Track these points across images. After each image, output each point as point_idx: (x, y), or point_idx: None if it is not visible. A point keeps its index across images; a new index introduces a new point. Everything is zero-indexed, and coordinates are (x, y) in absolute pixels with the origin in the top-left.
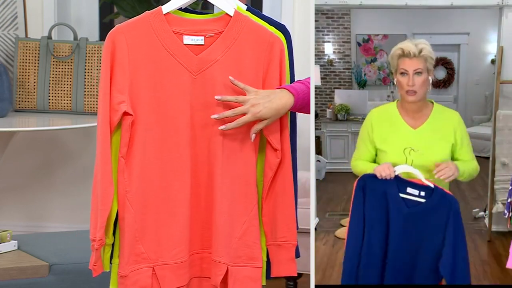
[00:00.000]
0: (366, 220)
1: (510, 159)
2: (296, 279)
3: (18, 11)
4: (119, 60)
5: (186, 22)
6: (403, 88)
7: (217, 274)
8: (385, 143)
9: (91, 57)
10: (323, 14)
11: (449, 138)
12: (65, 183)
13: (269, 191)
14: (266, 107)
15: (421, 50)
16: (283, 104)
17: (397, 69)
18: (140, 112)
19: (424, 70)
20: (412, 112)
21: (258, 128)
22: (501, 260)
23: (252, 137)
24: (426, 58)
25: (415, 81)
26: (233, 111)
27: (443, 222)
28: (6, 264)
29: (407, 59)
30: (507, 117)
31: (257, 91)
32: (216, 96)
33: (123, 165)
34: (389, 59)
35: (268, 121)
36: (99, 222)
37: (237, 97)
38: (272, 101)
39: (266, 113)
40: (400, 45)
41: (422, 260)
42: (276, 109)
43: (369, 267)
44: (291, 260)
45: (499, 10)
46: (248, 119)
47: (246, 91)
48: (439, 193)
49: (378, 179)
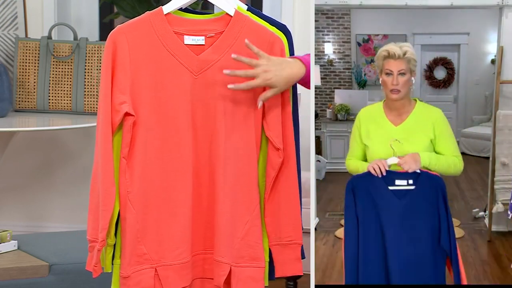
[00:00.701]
0: (359, 221)
1: (510, 159)
2: (296, 279)
3: (18, 11)
4: (120, 60)
5: (186, 22)
6: (388, 87)
7: (220, 275)
8: (369, 138)
9: (91, 57)
10: (323, 14)
11: (428, 133)
12: (65, 183)
13: (273, 191)
14: (277, 75)
15: (405, 52)
16: (295, 73)
17: (382, 69)
18: (141, 113)
19: (408, 71)
20: (395, 110)
21: (267, 95)
22: (501, 260)
23: (259, 104)
24: (410, 60)
25: (399, 80)
26: (244, 72)
27: (434, 202)
28: (6, 264)
29: (392, 60)
30: (507, 117)
31: (270, 57)
32: (225, 71)
33: (125, 166)
34: (375, 60)
35: (277, 89)
36: (101, 224)
37: (251, 60)
38: (284, 69)
39: (276, 81)
40: (385, 47)
41: (424, 244)
42: (287, 77)
43: (369, 265)
44: (297, 260)
45: (499, 10)
46: (258, 83)
47: (260, 56)
48: (425, 176)
49: (366, 179)
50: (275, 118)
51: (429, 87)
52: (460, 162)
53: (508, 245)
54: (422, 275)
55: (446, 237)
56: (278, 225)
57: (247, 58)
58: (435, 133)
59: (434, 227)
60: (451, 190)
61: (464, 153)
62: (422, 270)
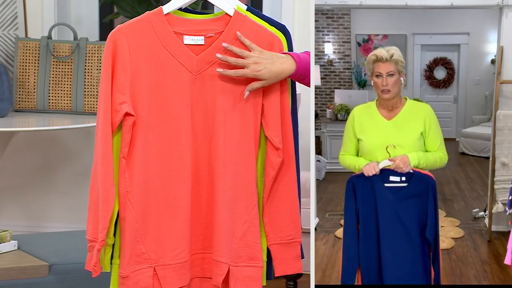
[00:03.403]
0: (360, 217)
1: (510, 159)
2: (296, 279)
3: (18, 11)
4: (120, 60)
5: (186, 22)
6: (379, 88)
7: (218, 274)
8: (363, 133)
9: (91, 57)
10: (323, 14)
11: (418, 126)
12: (65, 183)
13: (272, 191)
14: (267, 68)
15: (392, 55)
16: (284, 69)
17: (373, 72)
18: (141, 113)
19: (396, 72)
20: (387, 107)
21: (255, 86)
22: (501, 260)
23: (246, 94)
24: (397, 62)
25: (388, 81)
26: (235, 60)
27: (425, 198)
28: (6, 264)
29: (381, 63)
30: (507, 117)
31: (262, 50)
32: (217, 54)
33: (124, 166)
34: (366, 64)
35: (265, 82)
36: (101, 224)
37: (243, 50)
38: (274, 63)
39: (265, 74)
40: (374, 52)
41: (413, 235)
42: (276, 72)
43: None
44: (297, 258)
45: (499, 10)
46: (246, 73)
47: (252, 48)
48: (417, 175)
49: (364, 177)
50: (274, 118)
51: (429, 87)
52: (445, 156)
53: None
54: (412, 263)
55: (432, 229)
56: (278, 224)
57: (238, 48)
58: (425, 127)
59: (422, 221)
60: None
61: (464, 153)
62: (412, 258)
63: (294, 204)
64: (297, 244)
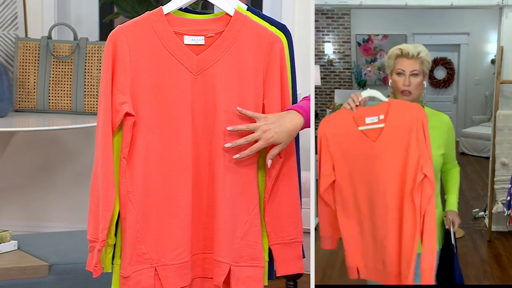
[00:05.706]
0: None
1: (510, 159)
2: (296, 279)
3: (18, 11)
4: (120, 60)
5: (186, 22)
6: (399, 87)
7: (219, 274)
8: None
9: (91, 57)
10: (323, 14)
11: (439, 147)
12: (65, 183)
13: (273, 191)
14: (277, 131)
15: (419, 52)
16: (294, 126)
17: (394, 69)
18: (141, 113)
19: (420, 73)
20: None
21: (274, 153)
22: (501, 260)
23: (269, 163)
24: (423, 61)
25: (411, 81)
26: (245, 139)
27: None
28: (6, 264)
29: (405, 60)
30: (507, 117)
31: (266, 116)
32: (228, 127)
33: (125, 166)
34: (386, 59)
35: (282, 145)
36: (102, 224)
37: (248, 125)
38: (282, 125)
39: (278, 138)
40: (399, 46)
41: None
42: (287, 132)
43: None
44: (298, 258)
45: (499, 10)
46: (261, 145)
47: (256, 118)
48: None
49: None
50: None
51: (429, 87)
52: (458, 167)
53: (508, 245)
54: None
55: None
56: (279, 224)
57: (244, 125)
58: (446, 148)
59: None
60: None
61: (464, 153)
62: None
63: (296, 204)
64: (298, 244)
